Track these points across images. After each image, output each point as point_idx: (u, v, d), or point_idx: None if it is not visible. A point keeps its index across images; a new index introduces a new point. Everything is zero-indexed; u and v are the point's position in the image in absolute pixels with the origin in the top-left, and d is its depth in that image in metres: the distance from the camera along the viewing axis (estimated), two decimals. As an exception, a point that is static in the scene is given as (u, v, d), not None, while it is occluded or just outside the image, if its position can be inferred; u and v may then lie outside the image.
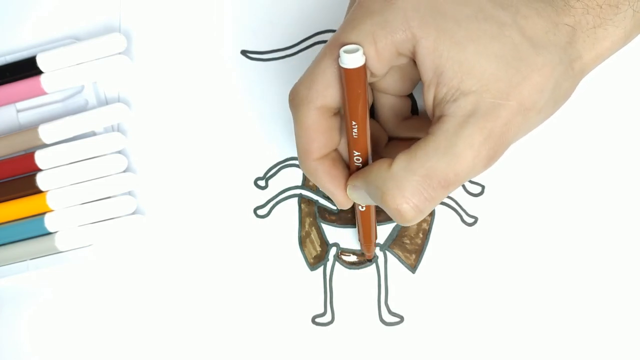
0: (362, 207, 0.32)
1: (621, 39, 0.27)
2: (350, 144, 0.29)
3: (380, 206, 0.27)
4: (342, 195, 0.30)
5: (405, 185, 0.26)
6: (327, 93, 0.27)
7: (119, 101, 0.37)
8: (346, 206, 0.30)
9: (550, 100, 0.26)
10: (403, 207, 0.26)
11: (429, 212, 0.27)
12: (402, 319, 0.35)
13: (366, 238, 0.34)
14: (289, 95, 0.28)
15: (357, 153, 0.29)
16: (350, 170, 0.30)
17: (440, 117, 0.26)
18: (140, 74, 0.37)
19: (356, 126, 0.27)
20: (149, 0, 0.38)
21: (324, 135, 0.28)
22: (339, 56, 0.26)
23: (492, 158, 0.26)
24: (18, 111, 0.37)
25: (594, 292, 0.34)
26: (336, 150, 0.30)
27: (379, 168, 0.27)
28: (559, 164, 0.35)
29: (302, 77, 0.28)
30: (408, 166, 0.26)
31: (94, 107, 0.37)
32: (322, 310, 0.35)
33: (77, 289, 0.36)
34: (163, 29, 0.38)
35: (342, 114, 0.29)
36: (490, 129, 0.25)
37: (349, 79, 0.26)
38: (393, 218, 0.27)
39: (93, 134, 0.36)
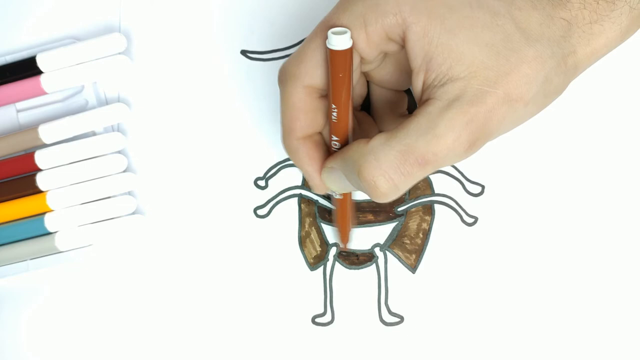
0: (337, 195, 0.32)
1: (617, 36, 0.27)
2: (330, 128, 0.29)
3: (356, 184, 0.27)
4: (319, 178, 0.30)
5: (382, 158, 0.26)
6: (315, 73, 0.27)
7: (119, 101, 0.37)
8: (321, 191, 0.31)
9: (540, 93, 0.26)
10: (379, 179, 0.26)
11: (403, 190, 0.27)
12: (402, 319, 0.35)
13: (342, 228, 0.34)
14: (278, 72, 0.29)
15: (335, 138, 0.29)
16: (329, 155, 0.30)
17: (426, 101, 0.26)
18: (140, 74, 0.37)
19: (336, 110, 0.28)
20: (149, 0, 0.38)
21: (308, 115, 0.29)
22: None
23: (472, 144, 0.26)
24: (18, 111, 0.37)
25: (594, 292, 0.34)
26: (320, 134, 0.30)
27: (357, 145, 0.27)
28: (559, 164, 0.35)
29: (293, 54, 0.28)
30: (387, 142, 0.26)
31: (94, 107, 0.37)
32: (322, 310, 0.35)
33: (77, 289, 0.36)
34: (163, 29, 0.38)
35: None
36: (473, 113, 0.25)
37: (334, 60, 0.26)
38: (367, 193, 0.27)
39: (93, 134, 0.36)
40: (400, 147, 0.26)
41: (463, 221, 0.35)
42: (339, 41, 0.26)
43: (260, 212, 0.36)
